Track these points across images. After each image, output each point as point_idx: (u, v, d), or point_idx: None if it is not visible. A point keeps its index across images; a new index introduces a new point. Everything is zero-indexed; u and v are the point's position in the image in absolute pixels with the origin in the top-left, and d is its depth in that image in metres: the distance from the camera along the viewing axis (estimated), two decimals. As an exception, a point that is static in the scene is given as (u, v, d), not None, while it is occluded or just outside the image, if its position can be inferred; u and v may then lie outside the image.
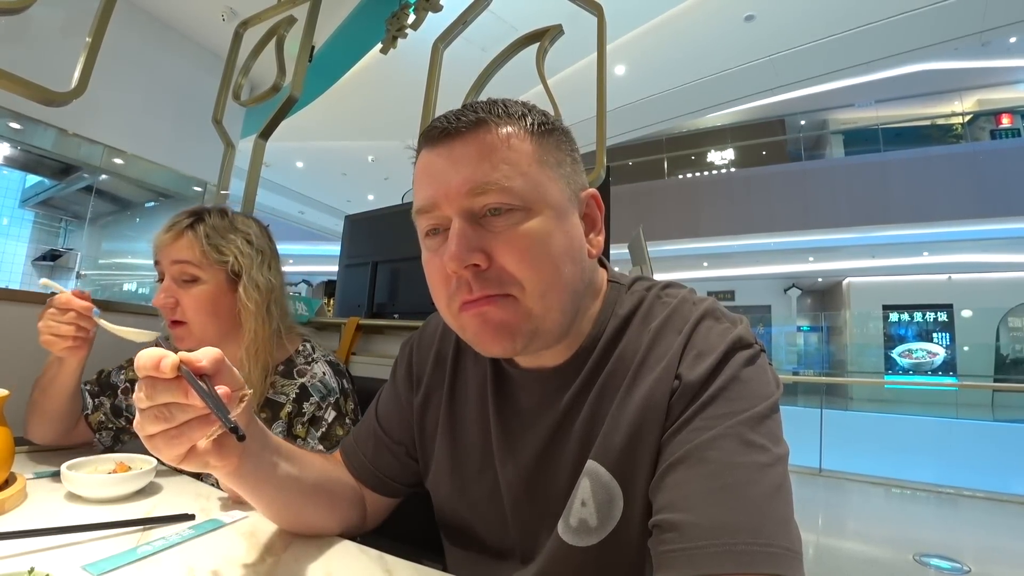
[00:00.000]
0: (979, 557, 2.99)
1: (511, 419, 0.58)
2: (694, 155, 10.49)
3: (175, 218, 0.95)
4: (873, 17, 5.25)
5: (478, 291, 0.48)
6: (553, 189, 0.51)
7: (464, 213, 0.49)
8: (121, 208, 4.40)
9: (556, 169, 0.52)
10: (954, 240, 8.02)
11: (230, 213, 0.99)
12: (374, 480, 0.68)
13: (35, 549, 0.55)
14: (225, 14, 2.55)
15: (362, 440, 0.70)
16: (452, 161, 0.50)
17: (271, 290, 0.96)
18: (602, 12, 1.50)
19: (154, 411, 0.41)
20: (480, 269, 0.48)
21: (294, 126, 5.79)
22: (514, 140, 0.50)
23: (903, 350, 10.13)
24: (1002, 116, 8.85)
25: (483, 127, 0.50)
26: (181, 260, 0.91)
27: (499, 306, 0.49)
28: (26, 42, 1.88)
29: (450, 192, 0.49)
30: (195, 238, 0.92)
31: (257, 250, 0.97)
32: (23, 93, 1.27)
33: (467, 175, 0.48)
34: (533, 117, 0.52)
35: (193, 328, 0.92)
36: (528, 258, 0.48)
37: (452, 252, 0.47)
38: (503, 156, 0.49)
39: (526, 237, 0.48)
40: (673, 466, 0.45)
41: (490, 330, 0.50)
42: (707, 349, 0.49)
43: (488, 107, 0.51)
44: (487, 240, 0.48)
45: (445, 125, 0.50)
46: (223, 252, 0.93)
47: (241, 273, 0.94)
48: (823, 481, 4.78)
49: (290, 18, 1.81)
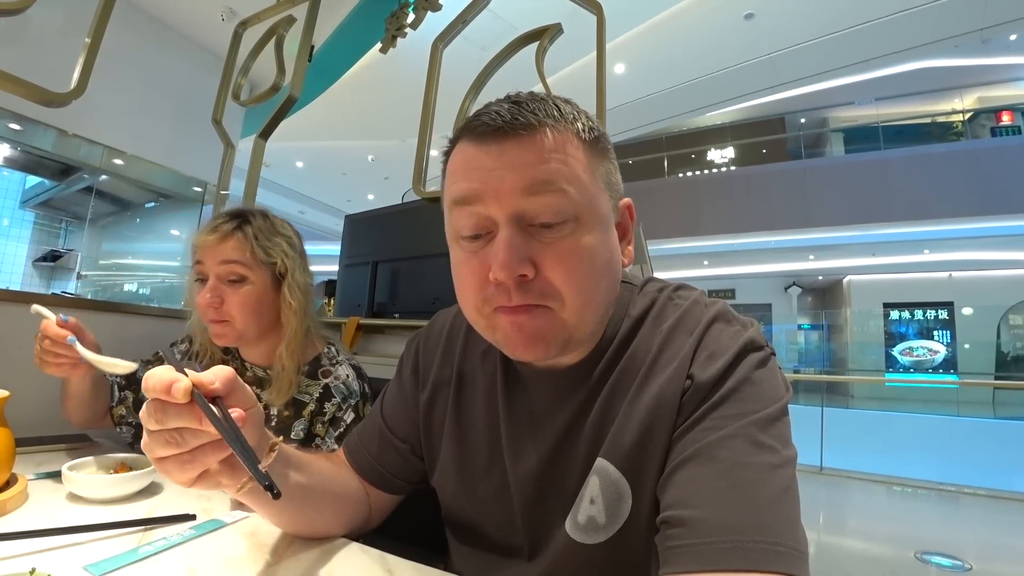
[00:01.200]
0: (980, 555, 2.99)
1: (522, 417, 0.58)
2: (694, 154, 10.48)
3: (217, 220, 0.97)
4: (873, 15, 5.24)
5: (517, 300, 0.47)
6: (601, 200, 0.50)
7: (514, 218, 0.47)
8: (121, 209, 4.40)
9: (604, 178, 0.51)
10: (955, 238, 8.02)
11: (271, 215, 1.03)
12: (379, 478, 0.68)
13: (36, 550, 0.54)
14: (224, 14, 2.55)
15: (367, 438, 0.70)
16: (506, 160, 0.47)
17: (308, 291, 1.01)
18: (601, 10, 1.49)
19: (164, 435, 0.39)
20: (526, 279, 0.47)
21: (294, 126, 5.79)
22: (570, 146, 0.48)
23: (904, 348, 10.13)
24: (1002, 113, 8.83)
25: (539, 130, 0.48)
26: (230, 260, 0.93)
27: (534, 316, 0.48)
28: (25, 43, 1.88)
29: (502, 190, 0.47)
30: (244, 239, 0.94)
31: (298, 253, 1.02)
32: (22, 94, 1.27)
33: (524, 174, 0.47)
34: (583, 122, 0.51)
35: (236, 325, 0.95)
36: (574, 273, 0.48)
37: (503, 260, 0.46)
38: (561, 160, 0.47)
39: (574, 252, 0.48)
40: (683, 464, 0.45)
41: (525, 338, 0.49)
42: (719, 350, 0.49)
43: (543, 107, 0.49)
44: (535, 250, 0.47)
45: (499, 123, 0.47)
46: (270, 254, 0.96)
47: (286, 274, 0.98)
48: (824, 479, 4.78)
49: (289, 18, 1.81)
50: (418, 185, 1.63)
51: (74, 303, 1.51)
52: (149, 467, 0.79)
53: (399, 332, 1.62)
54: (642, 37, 5.52)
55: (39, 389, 0.97)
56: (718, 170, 10.02)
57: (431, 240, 1.61)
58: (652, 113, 7.08)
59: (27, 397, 0.91)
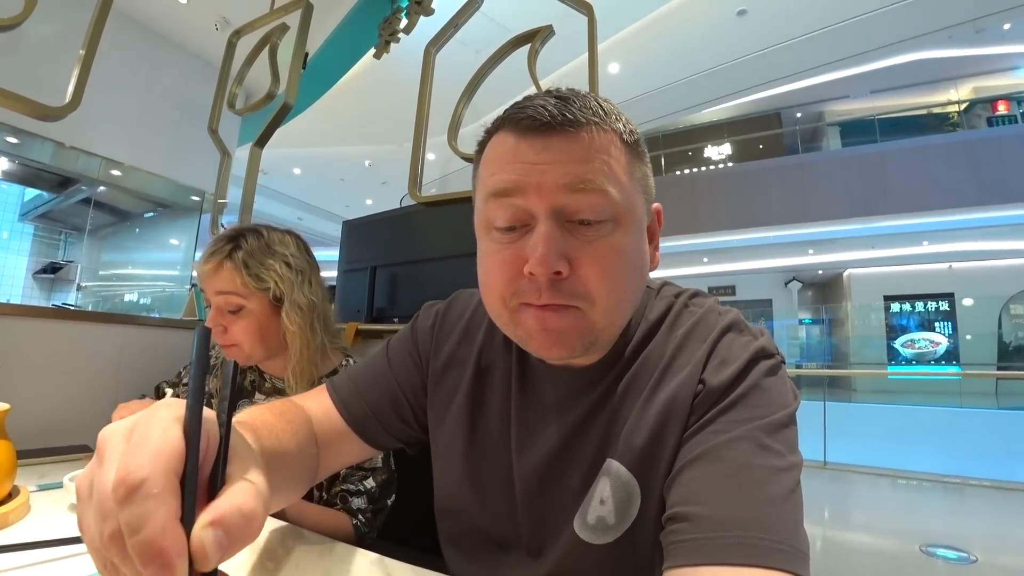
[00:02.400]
0: (986, 546, 2.99)
1: (532, 411, 0.59)
2: (691, 151, 10.48)
3: (213, 245, 0.96)
4: (866, 7, 5.25)
5: (547, 298, 0.47)
6: (638, 203, 0.51)
7: (555, 212, 0.47)
8: (120, 219, 4.41)
9: (642, 181, 0.52)
10: (954, 228, 8.01)
11: (266, 233, 0.99)
12: (369, 429, 0.64)
13: (39, 561, 0.55)
14: (218, 23, 2.56)
15: (364, 385, 0.66)
16: (550, 155, 0.47)
17: (313, 308, 0.98)
18: (592, 11, 1.50)
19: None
20: (560, 277, 0.46)
21: (290, 133, 5.81)
22: (613, 148, 0.48)
23: (905, 340, 10.12)
24: (998, 103, 8.83)
25: (585, 128, 0.47)
26: (224, 291, 0.93)
27: (562, 315, 0.48)
28: (20, 56, 1.89)
29: (544, 184, 0.46)
30: (234, 268, 0.93)
31: (296, 271, 0.98)
32: (17, 108, 1.27)
33: (568, 170, 0.46)
34: (624, 123, 0.51)
35: (244, 348, 0.95)
36: (609, 274, 0.47)
37: (541, 254, 0.45)
38: (605, 161, 0.47)
39: (611, 252, 0.48)
40: (689, 464, 0.46)
41: (551, 337, 0.49)
42: (731, 358, 0.50)
43: (588, 105, 0.49)
44: (573, 248, 0.47)
45: (547, 118, 0.47)
46: (263, 279, 0.94)
47: (283, 298, 0.95)
48: (828, 474, 4.77)
49: (283, 26, 1.82)
50: (414, 189, 1.64)
51: (75, 315, 1.52)
52: None
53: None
54: (635, 36, 5.53)
55: (39, 402, 0.97)
56: (715, 167, 10.03)
57: (430, 244, 1.61)
58: (648, 112, 7.09)
59: (28, 410, 0.92)
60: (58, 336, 1.15)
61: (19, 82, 1.27)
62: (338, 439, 0.63)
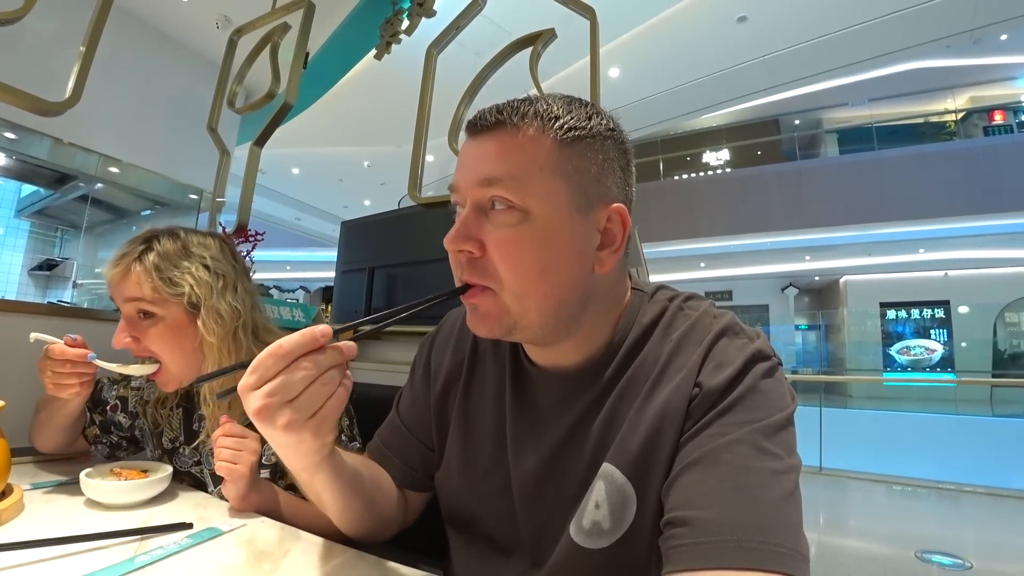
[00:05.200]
0: (981, 553, 3.00)
1: (527, 416, 0.59)
2: (689, 156, 10.50)
3: (124, 248, 0.87)
4: (865, 16, 5.28)
5: (465, 276, 0.53)
6: (559, 197, 0.50)
7: (474, 202, 0.52)
8: (117, 217, 4.39)
9: (573, 177, 0.51)
10: (950, 236, 8.05)
11: (183, 235, 0.91)
12: (407, 478, 0.69)
13: (32, 560, 0.54)
14: (219, 22, 2.56)
15: (387, 440, 0.71)
16: (477, 153, 0.53)
17: (237, 316, 0.88)
18: (594, 15, 1.50)
19: (321, 379, 0.45)
20: (473, 256, 0.52)
21: (290, 133, 5.80)
22: (530, 145, 0.51)
23: (901, 347, 10.14)
24: (995, 113, 8.88)
25: (502, 128, 0.52)
26: (133, 298, 0.84)
27: (481, 296, 0.53)
28: (20, 52, 1.88)
29: (468, 180, 0.53)
30: (144, 272, 0.84)
31: (217, 275, 0.88)
32: (17, 103, 1.27)
33: (481, 168, 0.52)
34: (565, 121, 0.51)
35: (168, 367, 0.87)
36: (511, 259, 0.51)
37: (450, 234, 0.52)
38: (513, 158, 0.51)
39: (515, 239, 0.51)
40: (688, 468, 0.46)
41: (477, 315, 0.54)
42: (727, 360, 0.50)
43: (518, 107, 0.52)
44: (486, 231, 0.51)
45: (476, 120, 0.54)
46: (176, 283, 0.85)
47: (199, 304, 0.85)
48: (824, 480, 4.78)
49: (284, 25, 1.82)
50: (414, 191, 1.63)
51: (70, 312, 1.51)
52: (164, 473, 0.80)
53: (396, 338, 1.62)
54: (636, 41, 5.55)
55: (34, 400, 0.96)
56: (713, 172, 10.05)
57: (428, 245, 1.61)
58: (647, 116, 7.11)
59: (22, 408, 0.91)
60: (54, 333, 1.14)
61: (19, 77, 1.26)
62: (401, 492, 0.69)
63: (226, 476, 0.73)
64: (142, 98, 2.48)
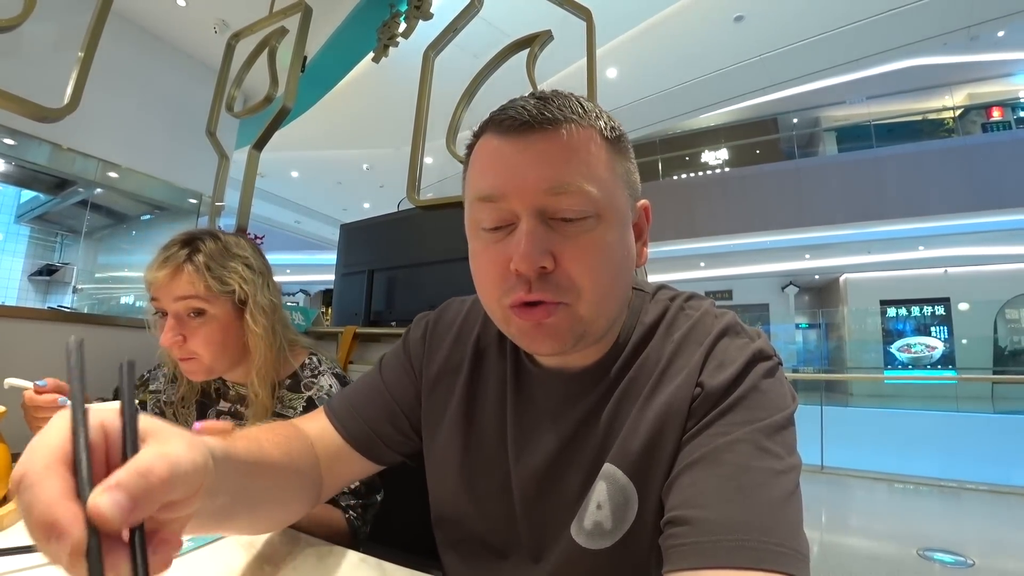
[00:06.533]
0: (983, 550, 2.99)
1: (529, 417, 0.59)
2: (688, 156, 10.52)
3: (167, 251, 0.91)
4: (862, 14, 5.29)
5: (537, 293, 0.48)
6: (621, 197, 0.51)
7: (537, 212, 0.48)
8: (117, 221, 4.39)
9: (624, 177, 0.52)
10: (949, 233, 8.06)
11: (222, 236, 0.97)
12: (370, 445, 0.65)
13: (34, 565, 0.54)
14: (217, 26, 2.57)
15: (361, 403, 0.67)
16: (531, 156, 0.48)
17: (275, 309, 0.96)
18: (591, 16, 1.51)
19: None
20: (545, 272, 0.48)
21: (288, 136, 5.80)
22: (593, 144, 0.49)
23: (902, 345, 10.14)
24: (993, 109, 8.90)
25: (565, 126, 0.48)
26: (185, 296, 0.88)
27: (550, 311, 0.48)
28: (19, 57, 1.89)
29: (525, 187, 0.47)
30: (196, 271, 0.88)
31: (258, 272, 0.96)
32: (15, 110, 1.27)
33: (547, 174, 0.47)
34: (605, 121, 0.52)
35: (204, 361, 0.90)
36: (593, 267, 0.48)
37: (524, 251, 0.46)
38: (584, 159, 0.48)
39: (594, 245, 0.48)
40: (688, 467, 0.46)
41: (542, 332, 0.49)
42: (728, 360, 0.50)
43: (567, 104, 0.50)
44: (556, 243, 0.48)
45: (526, 117, 0.48)
46: (226, 282, 0.91)
47: (247, 300, 0.92)
48: (825, 478, 4.78)
49: (282, 29, 1.82)
50: (412, 193, 1.64)
51: (70, 317, 1.51)
52: None
53: (396, 341, 1.62)
54: (633, 41, 5.56)
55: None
56: (712, 171, 10.06)
57: (427, 248, 1.61)
58: (645, 116, 7.11)
59: (22, 414, 0.91)
60: (54, 338, 1.14)
61: (17, 83, 1.27)
62: (339, 458, 0.64)
63: None
64: (140, 103, 2.48)
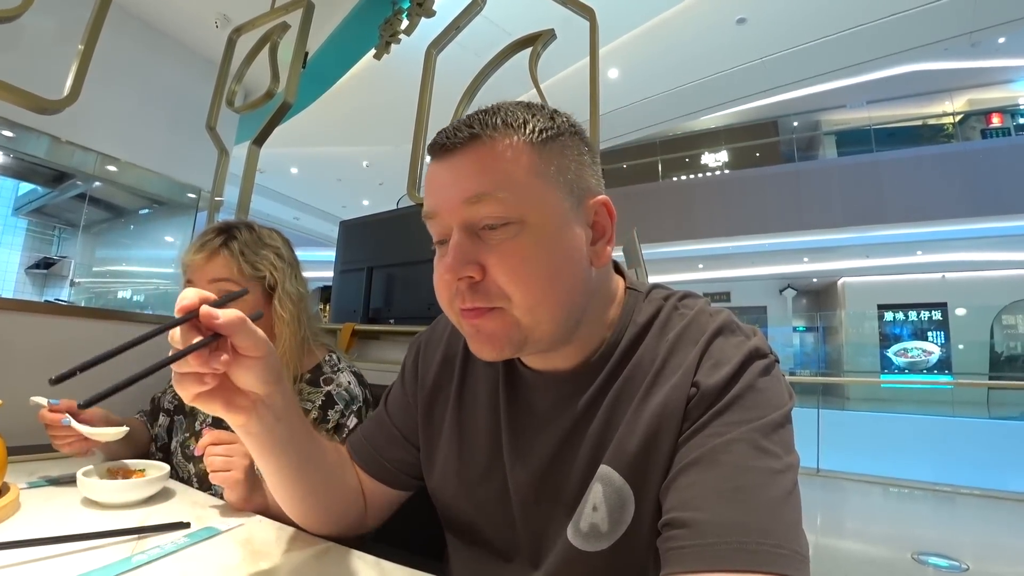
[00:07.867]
0: (977, 555, 3.00)
1: (523, 420, 0.59)
2: (688, 157, 10.53)
3: (204, 236, 0.97)
4: (863, 19, 5.29)
5: (470, 302, 0.50)
6: (551, 200, 0.50)
7: (462, 224, 0.50)
8: (115, 215, 4.38)
9: (557, 178, 0.51)
10: (947, 239, 8.08)
11: (256, 227, 1.03)
12: (382, 472, 0.68)
13: (29, 559, 0.54)
14: (219, 21, 2.56)
15: (371, 434, 0.71)
16: (452, 173, 0.51)
17: (301, 299, 1.01)
18: (594, 16, 1.51)
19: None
20: (474, 281, 0.50)
21: (288, 132, 5.79)
22: (509, 152, 0.50)
23: (898, 349, 10.17)
24: (992, 115, 8.92)
25: (478, 141, 0.50)
26: (219, 278, 0.94)
27: (488, 318, 0.50)
28: (19, 50, 1.88)
29: (449, 203, 0.51)
30: (231, 256, 0.95)
31: (287, 263, 1.02)
32: (15, 101, 1.27)
33: (464, 186, 0.49)
34: (534, 124, 0.51)
35: None
36: (518, 273, 0.49)
37: (448, 263, 0.49)
38: (499, 167, 0.49)
39: (518, 252, 0.49)
40: (686, 468, 0.45)
41: (481, 338, 0.52)
42: (724, 359, 0.50)
43: (485, 120, 0.51)
44: (483, 253, 0.49)
45: (444, 140, 0.52)
46: (258, 268, 0.97)
47: (276, 286, 0.98)
48: (821, 481, 4.79)
49: (283, 24, 1.81)
50: (412, 190, 1.63)
51: (67, 311, 1.51)
52: (161, 472, 0.80)
53: (394, 338, 1.62)
54: (635, 42, 5.55)
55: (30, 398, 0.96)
56: (712, 173, 10.08)
57: (426, 245, 1.60)
58: (646, 117, 7.11)
59: (18, 406, 0.91)
60: (50, 332, 1.14)
61: (17, 75, 1.26)
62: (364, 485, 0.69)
63: (222, 484, 0.74)
64: (141, 96, 2.47)
